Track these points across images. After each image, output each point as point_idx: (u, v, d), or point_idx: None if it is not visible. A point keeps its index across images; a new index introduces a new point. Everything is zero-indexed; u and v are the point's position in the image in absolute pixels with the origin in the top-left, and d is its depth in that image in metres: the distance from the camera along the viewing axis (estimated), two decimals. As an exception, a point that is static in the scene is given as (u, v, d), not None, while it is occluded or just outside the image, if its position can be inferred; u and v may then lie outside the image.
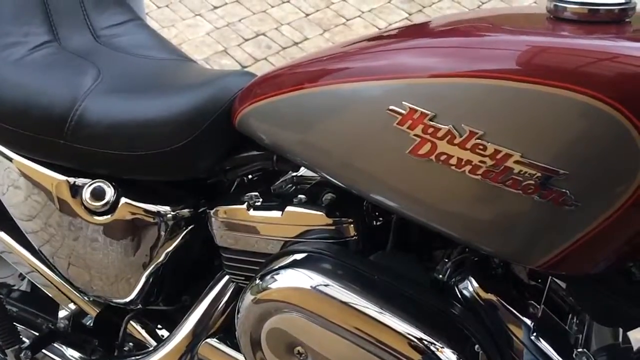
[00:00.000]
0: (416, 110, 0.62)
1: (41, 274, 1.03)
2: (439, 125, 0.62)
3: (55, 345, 1.06)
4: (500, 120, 0.60)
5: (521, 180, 0.60)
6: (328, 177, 0.74)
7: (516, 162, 0.59)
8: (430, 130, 0.62)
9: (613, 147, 0.57)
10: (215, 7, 2.88)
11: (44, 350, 1.05)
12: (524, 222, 0.63)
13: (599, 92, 0.56)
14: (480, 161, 0.61)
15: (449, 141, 0.61)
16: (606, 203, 0.59)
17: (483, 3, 2.87)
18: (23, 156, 0.91)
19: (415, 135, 0.63)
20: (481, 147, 0.60)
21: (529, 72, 0.59)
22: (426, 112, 0.62)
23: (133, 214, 0.88)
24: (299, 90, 0.72)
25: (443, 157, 0.62)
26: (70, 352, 1.05)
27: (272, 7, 2.88)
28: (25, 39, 0.94)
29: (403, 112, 0.63)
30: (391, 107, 0.64)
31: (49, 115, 0.85)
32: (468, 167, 0.61)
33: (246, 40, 2.70)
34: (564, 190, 0.59)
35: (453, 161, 0.62)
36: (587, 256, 0.64)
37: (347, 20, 2.81)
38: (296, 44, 2.67)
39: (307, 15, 2.84)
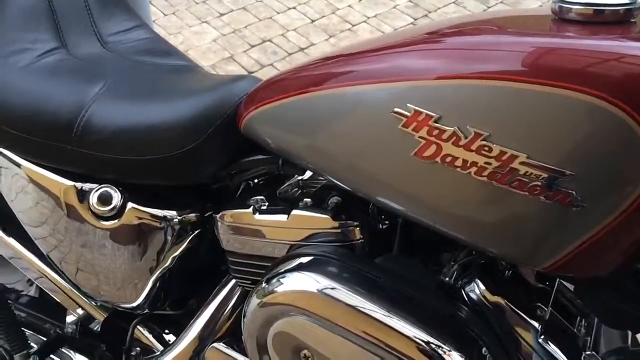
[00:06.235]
0: (421, 113, 0.62)
1: (49, 280, 1.03)
2: (444, 127, 0.62)
3: (63, 350, 1.06)
4: (505, 121, 0.60)
5: (527, 182, 0.60)
6: (334, 180, 0.74)
7: (522, 163, 0.59)
8: (436, 132, 0.62)
9: (619, 148, 0.57)
10: (222, 15, 2.90)
11: (52, 356, 1.06)
12: (530, 223, 0.62)
13: (605, 93, 0.56)
14: (486, 163, 0.60)
15: (454, 143, 0.61)
16: (614, 204, 0.59)
17: (489, 7, 2.86)
18: (31, 162, 0.92)
19: (420, 137, 0.63)
20: (487, 148, 0.60)
21: (534, 73, 0.58)
22: (431, 114, 0.62)
23: (140, 218, 0.88)
24: (305, 94, 0.72)
25: (449, 159, 0.62)
26: (78, 357, 1.06)
27: (278, 13, 2.89)
28: (34, 45, 0.95)
29: (408, 114, 0.63)
30: (396, 110, 0.64)
31: (56, 121, 0.85)
32: (474, 169, 0.61)
33: (252, 46, 2.71)
34: (570, 191, 0.59)
35: (459, 163, 0.62)
36: (594, 258, 0.63)
37: (353, 26, 2.81)
38: (302, 50, 2.68)
39: (313, 21, 2.85)
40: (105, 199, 0.88)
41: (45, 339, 1.08)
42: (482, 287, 0.72)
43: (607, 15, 0.62)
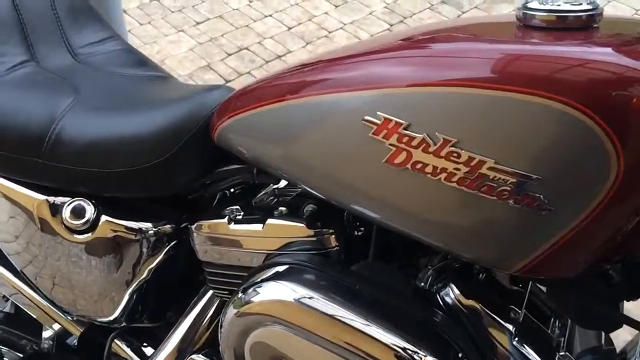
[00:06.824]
0: (390, 120, 0.63)
1: (24, 295, 1.02)
2: (413, 134, 0.62)
3: (39, 366, 1.05)
4: (473, 127, 0.61)
5: (496, 187, 0.60)
6: (308, 188, 0.74)
7: (490, 168, 0.60)
8: (405, 139, 0.63)
9: (583, 152, 0.58)
10: (198, 23, 2.89)
11: (28, 372, 1.04)
12: (499, 227, 0.63)
13: (569, 98, 0.57)
14: (455, 168, 0.61)
15: (423, 150, 0.62)
16: (579, 207, 0.60)
17: (463, 12, 2.90)
18: (2, 176, 0.91)
19: (390, 144, 0.63)
20: (455, 154, 0.61)
21: (499, 79, 0.59)
22: (400, 121, 0.62)
23: (114, 231, 0.88)
24: (277, 102, 0.72)
25: (419, 166, 0.63)
26: (55, 373, 1.05)
27: (255, 21, 2.90)
28: (2, 59, 0.94)
29: (378, 122, 0.64)
30: (366, 118, 0.64)
31: (26, 134, 0.85)
32: (443, 175, 0.62)
33: (229, 54, 2.70)
34: (537, 195, 0.59)
35: (428, 169, 0.62)
36: (564, 259, 0.64)
37: (330, 32, 2.83)
38: (279, 57, 2.68)
39: (290, 28, 2.86)
40: (78, 212, 0.87)
41: (21, 355, 1.06)
42: (457, 291, 0.73)
43: (570, 21, 0.63)
